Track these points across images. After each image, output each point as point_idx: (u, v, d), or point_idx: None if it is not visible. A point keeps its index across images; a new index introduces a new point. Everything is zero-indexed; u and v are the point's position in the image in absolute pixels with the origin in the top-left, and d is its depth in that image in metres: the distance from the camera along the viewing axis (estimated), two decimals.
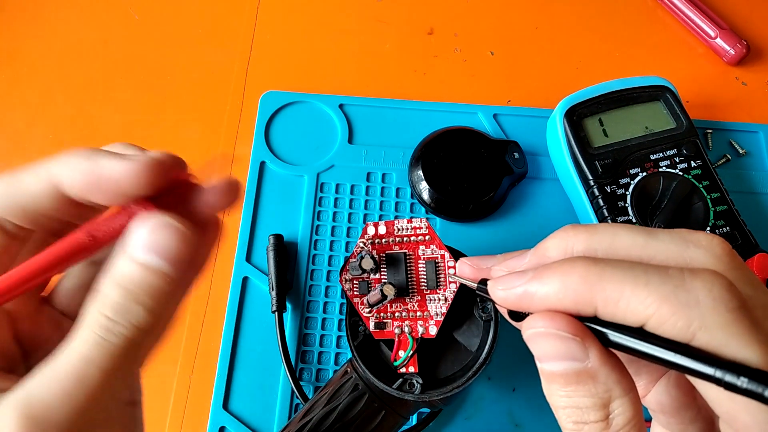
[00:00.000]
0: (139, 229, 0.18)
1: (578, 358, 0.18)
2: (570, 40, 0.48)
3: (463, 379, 0.27)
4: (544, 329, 0.19)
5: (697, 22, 0.46)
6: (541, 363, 0.19)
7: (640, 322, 0.17)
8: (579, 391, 0.18)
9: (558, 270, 0.18)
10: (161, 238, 0.18)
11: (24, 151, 0.43)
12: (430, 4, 0.49)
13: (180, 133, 0.44)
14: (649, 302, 0.17)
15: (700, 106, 0.44)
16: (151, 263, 0.18)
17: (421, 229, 0.27)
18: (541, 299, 0.19)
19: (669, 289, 0.16)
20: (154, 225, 0.18)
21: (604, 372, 0.18)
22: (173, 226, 0.18)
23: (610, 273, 0.17)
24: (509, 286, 0.20)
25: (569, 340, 0.18)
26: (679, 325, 0.16)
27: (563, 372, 0.18)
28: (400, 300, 0.27)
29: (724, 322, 0.16)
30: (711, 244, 0.18)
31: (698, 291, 0.16)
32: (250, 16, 0.49)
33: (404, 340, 0.26)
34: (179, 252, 0.18)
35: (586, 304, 0.18)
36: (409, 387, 0.27)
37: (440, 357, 0.28)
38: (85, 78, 0.46)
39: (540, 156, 0.42)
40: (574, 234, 0.20)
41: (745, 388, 0.15)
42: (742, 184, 0.41)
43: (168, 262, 0.18)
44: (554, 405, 0.19)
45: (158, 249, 0.18)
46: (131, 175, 0.18)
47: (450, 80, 0.46)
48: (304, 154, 0.42)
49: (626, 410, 0.18)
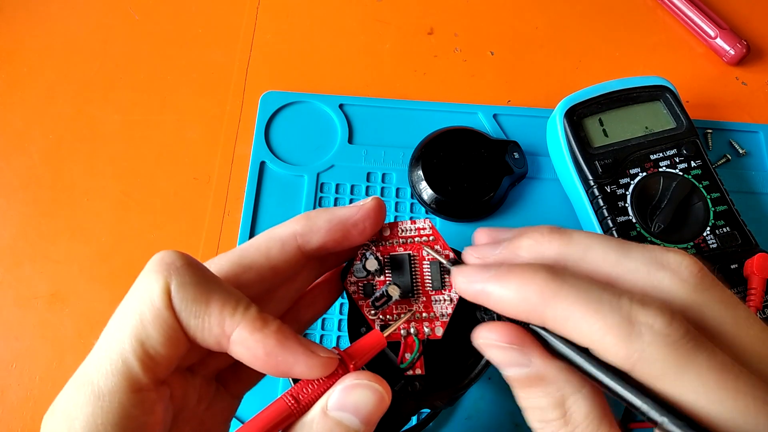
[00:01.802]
0: (339, 388, 0.19)
1: (522, 364, 0.19)
2: (570, 40, 0.48)
3: (467, 381, 0.27)
4: (485, 341, 0.20)
5: (697, 22, 0.46)
6: (500, 369, 0.20)
7: (585, 345, 0.18)
8: (534, 392, 0.19)
9: (518, 277, 0.19)
10: (361, 399, 0.19)
11: (24, 151, 0.43)
12: (430, 4, 0.49)
13: (180, 133, 0.44)
14: (596, 329, 0.17)
15: (700, 106, 0.44)
16: (344, 420, 0.19)
17: (425, 230, 0.27)
18: (496, 301, 0.20)
19: (616, 320, 0.17)
20: (354, 384, 0.19)
21: (552, 372, 0.19)
22: (371, 386, 0.19)
23: (566, 292, 0.18)
24: (470, 280, 0.21)
25: (509, 350, 0.19)
26: (620, 355, 0.17)
27: (516, 377, 0.20)
28: (406, 302, 0.27)
29: (660, 354, 0.16)
30: (680, 267, 0.19)
31: (641, 325, 0.17)
32: (250, 16, 0.49)
33: (411, 343, 0.26)
34: (374, 412, 0.19)
35: (537, 317, 0.19)
36: (412, 388, 0.27)
37: (443, 358, 0.28)
38: (85, 78, 0.46)
39: (540, 156, 0.42)
40: (549, 240, 0.21)
41: (667, 429, 0.16)
42: (742, 184, 0.41)
43: (362, 422, 0.19)
44: (520, 406, 0.20)
45: (355, 409, 0.19)
46: (367, 216, 0.23)
47: (450, 80, 0.46)
48: (304, 154, 0.42)
49: (581, 406, 0.18)
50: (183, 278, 0.18)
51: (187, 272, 0.19)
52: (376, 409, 0.19)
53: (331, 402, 0.19)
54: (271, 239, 0.22)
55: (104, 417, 0.17)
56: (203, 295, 0.19)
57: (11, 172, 0.43)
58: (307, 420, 0.19)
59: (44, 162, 0.43)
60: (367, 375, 0.19)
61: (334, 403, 0.19)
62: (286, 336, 0.19)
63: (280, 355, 0.19)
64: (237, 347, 0.19)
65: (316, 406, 0.19)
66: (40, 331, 0.37)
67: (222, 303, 0.19)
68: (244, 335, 0.18)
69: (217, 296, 0.19)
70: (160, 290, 0.18)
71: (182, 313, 0.18)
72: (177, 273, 0.19)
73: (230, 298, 0.19)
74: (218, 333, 0.19)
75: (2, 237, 0.41)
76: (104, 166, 0.43)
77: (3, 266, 0.40)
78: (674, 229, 0.34)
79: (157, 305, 0.18)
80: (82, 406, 0.17)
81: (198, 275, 0.19)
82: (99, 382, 0.18)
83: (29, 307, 0.38)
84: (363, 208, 0.22)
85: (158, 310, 0.18)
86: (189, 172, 0.43)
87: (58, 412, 0.18)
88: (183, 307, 0.18)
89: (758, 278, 0.32)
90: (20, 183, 0.42)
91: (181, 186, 0.42)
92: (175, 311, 0.18)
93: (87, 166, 0.43)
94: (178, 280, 0.18)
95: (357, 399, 0.19)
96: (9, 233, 0.41)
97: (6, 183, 0.42)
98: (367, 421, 0.19)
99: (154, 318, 0.18)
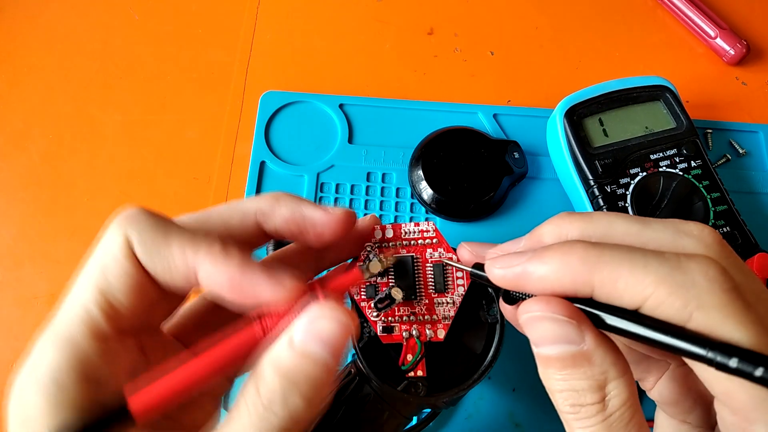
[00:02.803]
0: (305, 318, 0.19)
1: (574, 341, 0.18)
2: (570, 40, 0.48)
3: (469, 382, 0.27)
4: (540, 313, 0.19)
5: (697, 22, 0.46)
6: (537, 348, 0.19)
7: (637, 303, 0.17)
8: (575, 374, 0.18)
9: (558, 250, 0.19)
10: (326, 329, 0.19)
11: (24, 151, 0.43)
12: (430, 4, 0.49)
13: (180, 133, 0.44)
14: (647, 283, 0.17)
15: (700, 106, 0.44)
16: (314, 354, 0.18)
17: (428, 232, 0.27)
18: (540, 279, 0.19)
19: (666, 271, 0.17)
20: (319, 314, 0.19)
21: (600, 354, 0.18)
22: (337, 317, 0.19)
23: (609, 255, 0.18)
24: (507, 265, 0.20)
25: (565, 324, 0.18)
26: (676, 306, 0.16)
27: (559, 355, 0.18)
28: (408, 304, 0.27)
29: (719, 302, 0.16)
30: (702, 233, 0.19)
31: (694, 273, 0.16)
32: (250, 16, 0.49)
33: (413, 345, 0.26)
34: (340, 342, 0.19)
35: (584, 285, 0.18)
36: (414, 389, 0.27)
37: (445, 359, 0.28)
38: (85, 78, 0.46)
39: (540, 156, 0.42)
40: (570, 221, 0.21)
41: (736, 368, 0.15)
42: (742, 184, 0.41)
43: (330, 353, 0.19)
44: (551, 389, 0.19)
45: (322, 340, 0.18)
46: (329, 223, 0.22)
47: (450, 80, 0.46)
48: (304, 154, 0.42)
49: (622, 392, 0.18)
50: (141, 225, 0.19)
51: (144, 219, 0.19)
52: (342, 339, 0.19)
53: (296, 332, 0.19)
54: (233, 209, 0.22)
55: (66, 363, 0.18)
56: (163, 236, 0.19)
57: (11, 172, 0.43)
58: (274, 349, 0.19)
59: (44, 162, 0.43)
60: (333, 304, 0.19)
61: (300, 334, 0.19)
62: (249, 264, 0.19)
63: (244, 282, 0.19)
64: (204, 281, 0.19)
65: (283, 336, 0.19)
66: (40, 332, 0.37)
67: (182, 240, 0.19)
68: (207, 268, 0.19)
69: (176, 235, 0.19)
70: (121, 241, 0.19)
71: (144, 257, 0.19)
72: (136, 222, 0.19)
73: (191, 235, 0.19)
74: (184, 270, 0.19)
75: (2, 237, 0.41)
76: (104, 166, 0.43)
77: (3, 266, 0.40)
78: None
79: (117, 256, 0.19)
80: (46, 353, 0.18)
81: (155, 220, 0.20)
82: (62, 331, 0.18)
83: (29, 307, 0.38)
84: (330, 216, 0.22)
85: (119, 260, 0.19)
86: (189, 172, 0.43)
87: (27, 362, 0.18)
88: (143, 250, 0.19)
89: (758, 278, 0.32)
90: (20, 183, 0.42)
91: (181, 186, 0.42)
92: (138, 259, 0.19)
93: (87, 166, 0.43)
94: (137, 228, 0.19)
95: (322, 329, 0.19)
96: (9, 233, 0.41)
97: (6, 183, 0.42)
98: (333, 351, 0.19)
99: (115, 268, 0.19)
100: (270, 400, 0.17)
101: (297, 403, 0.18)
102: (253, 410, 0.17)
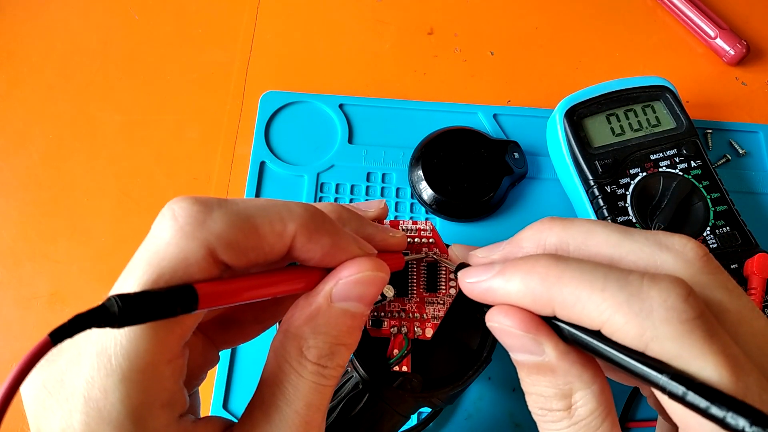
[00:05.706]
0: (339, 277, 0.20)
1: (534, 353, 0.19)
2: (570, 40, 0.48)
3: (464, 378, 0.27)
4: (498, 325, 0.19)
5: (697, 22, 0.46)
6: (509, 351, 0.20)
7: (595, 326, 0.17)
8: (541, 381, 0.19)
9: (520, 268, 0.19)
10: (360, 286, 0.20)
11: (24, 151, 0.43)
12: (430, 4, 0.49)
13: (180, 133, 0.44)
14: (604, 308, 0.16)
15: (700, 106, 0.44)
16: (350, 308, 0.20)
17: (426, 231, 0.27)
18: (503, 297, 0.19)
19: (624, 298, 0.16)
20: (354, 271, 0.20)
21: (564, 366, 0.18)
22: (370, 272, 0.20)
23: (570, 275, 0.17)
24: (476, 279, 0.20)
25: (523, 337, 0.19)
26: (631, 334, 0.16)
27: (524, 363, 0.19)
28: (399, 300, 0.27)
29: (675, 333, 0.15)
30: (684, 249, 0.18)
31: (653, 300, 0.16)
32: (250, 16, 0.49)
33: (400, 340, 0.26)
34: (374, 294, 0.20)
35: (545, 305, 0.18)
36: (410, 385, 0.27)
37: (441, 355, 0.28)
38: (85, 78, 0.46)
39: (540, 156, 0.42)
40: (549, 227, 0.21)
41: (686, 400, 0.15)
42: (742, 184, 0.41)
43: (364, 305, 0.20)
44: (524, 389, 0.20)
45: (357, 295, 0.20)
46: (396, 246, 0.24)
47: (450, 80, 0.46)
48: (304, 154, 0.42)
49: (588, 401, 0.18)
50: (220, 231, 0.17)
51: (220, 217, 0.18)
52: (377, 292, 0.20)
53: (336, 292, 0.20)
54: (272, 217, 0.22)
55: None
56: (245, 220, 0.18)
57: (11, 172, 0.43)
58: (314, 305, 0.20)
59: (44, 162, 0.43)
60: (372, 264, 0.20)
61: (339, 294, 0.20)
62: (342, 233, 0.21)
63: (338, 249, 0.20)
64: (299, 252, 0.19)
65: (322, 293, 0.20)
66: (40, 331, 0.37)
67: (270, 216, 0.19)
68: (302, 240, 0.19)
69: (259, 215, 0.18)
70: (203, 253, 0.17)
71: (229, 253, 0.17)
72: (211, 232, 0.17)
73: (275, 210, 0.19)
74: (275, 239, 0.18)
75: (2, 237, 0.41)
76: (104, 166, 0.43)
77: (3, 266, 0.40)
78: (674, 229, 0.34)
79: (203, 268, 0.17)
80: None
81: (232, 215, 0.18)
82: None
83: (29, 307, 0.38)
84: (398, 240, 0.24)
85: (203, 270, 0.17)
86: (189, 172, 0.43)
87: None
88: (232, 255, 0.18)
89: (758, 278, 0.32)
90: (20, 183, 0.42)
91: (181, 186, 0.42)
92: (223, 261, 0.18)
93: (87, 166, 0.43)
94: (217, 238, 0.17)
95: (361, 290, 0.20)
96: (9, 233, 0.41)
97: (6, 183, 0.42)
98: (368, 303, 0.20)
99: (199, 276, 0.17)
100: (325, 359, 0.19)
101: (344, 353, 0.20)
102: (309, 373, 0.19)
